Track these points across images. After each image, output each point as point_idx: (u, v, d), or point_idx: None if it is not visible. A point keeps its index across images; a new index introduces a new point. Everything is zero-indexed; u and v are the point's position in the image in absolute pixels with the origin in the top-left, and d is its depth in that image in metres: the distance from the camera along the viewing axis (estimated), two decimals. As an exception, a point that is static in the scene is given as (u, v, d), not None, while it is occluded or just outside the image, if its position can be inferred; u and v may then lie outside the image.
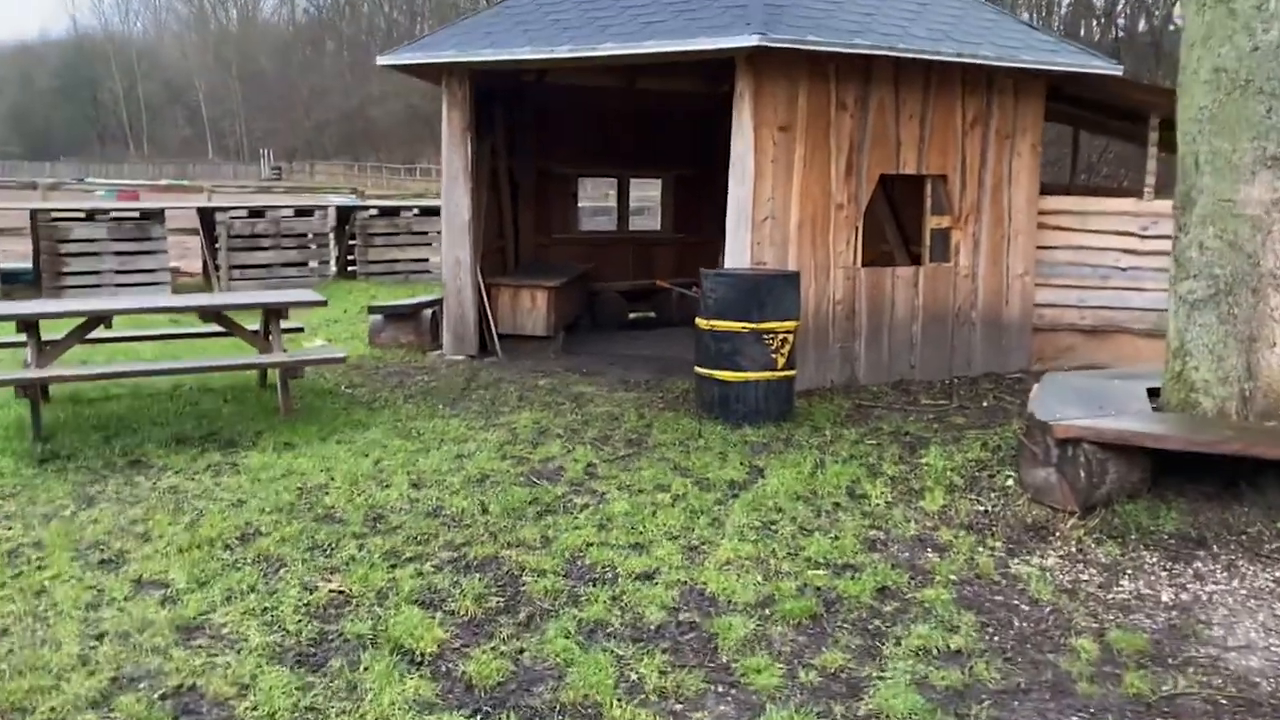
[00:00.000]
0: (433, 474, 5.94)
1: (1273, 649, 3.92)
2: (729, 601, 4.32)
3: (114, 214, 14.48)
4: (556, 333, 10.11)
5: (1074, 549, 4.92)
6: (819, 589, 4.43)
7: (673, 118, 12.46)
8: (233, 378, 8.24)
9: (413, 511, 5.32)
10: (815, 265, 8.05)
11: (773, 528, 5.18)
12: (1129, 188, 11.67)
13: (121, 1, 79.10)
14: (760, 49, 7.20)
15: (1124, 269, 9.31)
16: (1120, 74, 8.90)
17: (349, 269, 16.44)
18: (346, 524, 5.14)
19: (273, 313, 7.16)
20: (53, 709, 3.40)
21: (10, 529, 5.04)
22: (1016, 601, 4.34)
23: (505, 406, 7.68)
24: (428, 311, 10.19)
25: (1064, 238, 9.32)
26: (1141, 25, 37.95)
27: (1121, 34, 37.79)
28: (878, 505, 5.53)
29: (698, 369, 7.16)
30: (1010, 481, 5.81)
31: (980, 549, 4.91)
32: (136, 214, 14.78)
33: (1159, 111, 9.24)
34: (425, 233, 16.76)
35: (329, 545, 4.87)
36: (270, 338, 7.14)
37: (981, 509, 5.45)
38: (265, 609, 4.20)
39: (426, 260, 16.57)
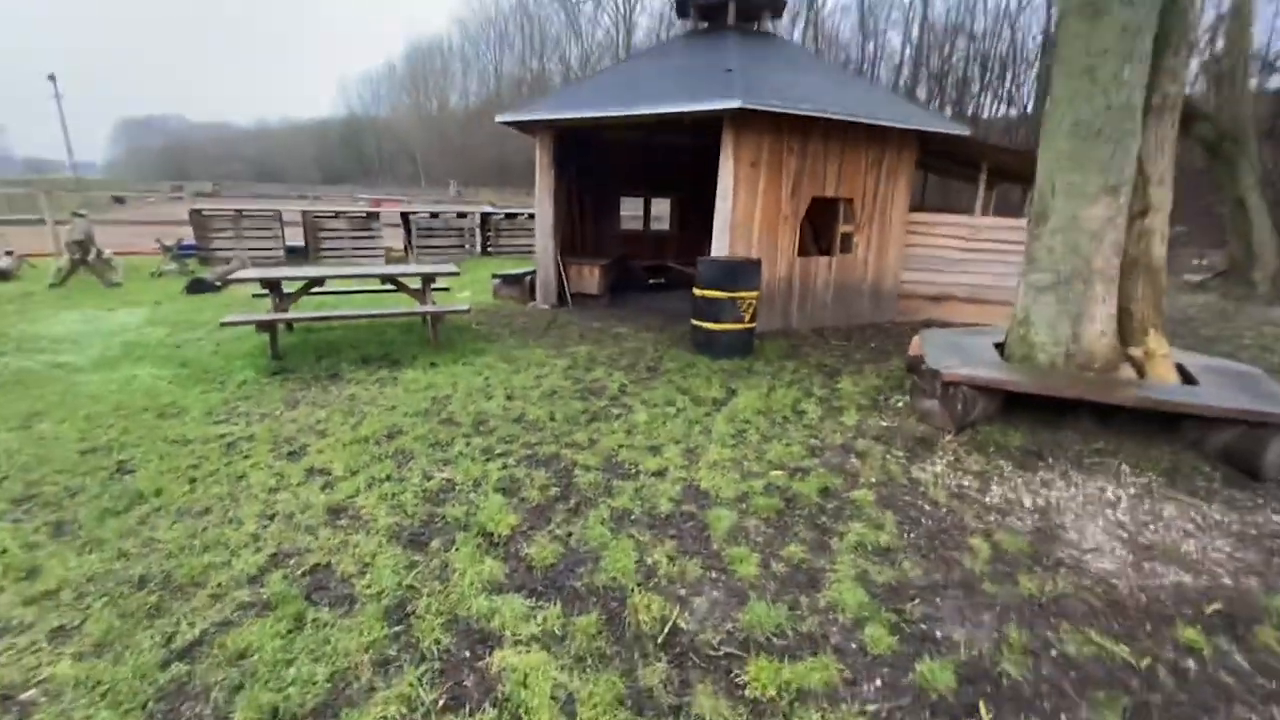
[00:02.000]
0: (520, 389, 4.91)
1: (1117, 552, 2.90)
2: (717, 496, 3.33)
3: (350, 214, 13.26)
4: (605, 293, 8.97)
5: (953, 458, 3.88)
6: (780, 488, 3.43)
7: (675, 160, 11.05)
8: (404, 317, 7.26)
9: (504, 418, 4.32)
10: (769, 255, 6.84)
11: (744, 435, 4.16)
12: (954, 208, 10.21)
13: (375, 94, 78.45)
14: (741, 110, 5.90)
15: (955, 260, 8.07)
16: (968, 134, 7.48)
17: (487, 249, 15.22)
18: (459, 426, 4.16)
19: (426, 279, 6.11)
20: (219, 585, 2.48)
21: (236, 425, 4.08)
22: (921, 503, 3.33)
23: (570, 341, 6.60)
24: (528, 278, 9.06)
25: (920, 239, 8.03)
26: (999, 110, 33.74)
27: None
28: (813, 419, 4.49)
29: (693, 321, 6.06)
30: (901, 404, 4.75)
31: (888, 457, 3.88)
32: (364, 214, 13.54)
33: (988, 160, 7.88)
34: (531, 229, 15.44)
35: (446, 442, 3.89)
36: (425, 295, 6.10)
37: (885, 424, 4.40)
38: (394, 494, 3.24)
39: (532, 245, 15.13)
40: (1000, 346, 4.86)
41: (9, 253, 9.48)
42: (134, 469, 3.45)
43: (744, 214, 6.64)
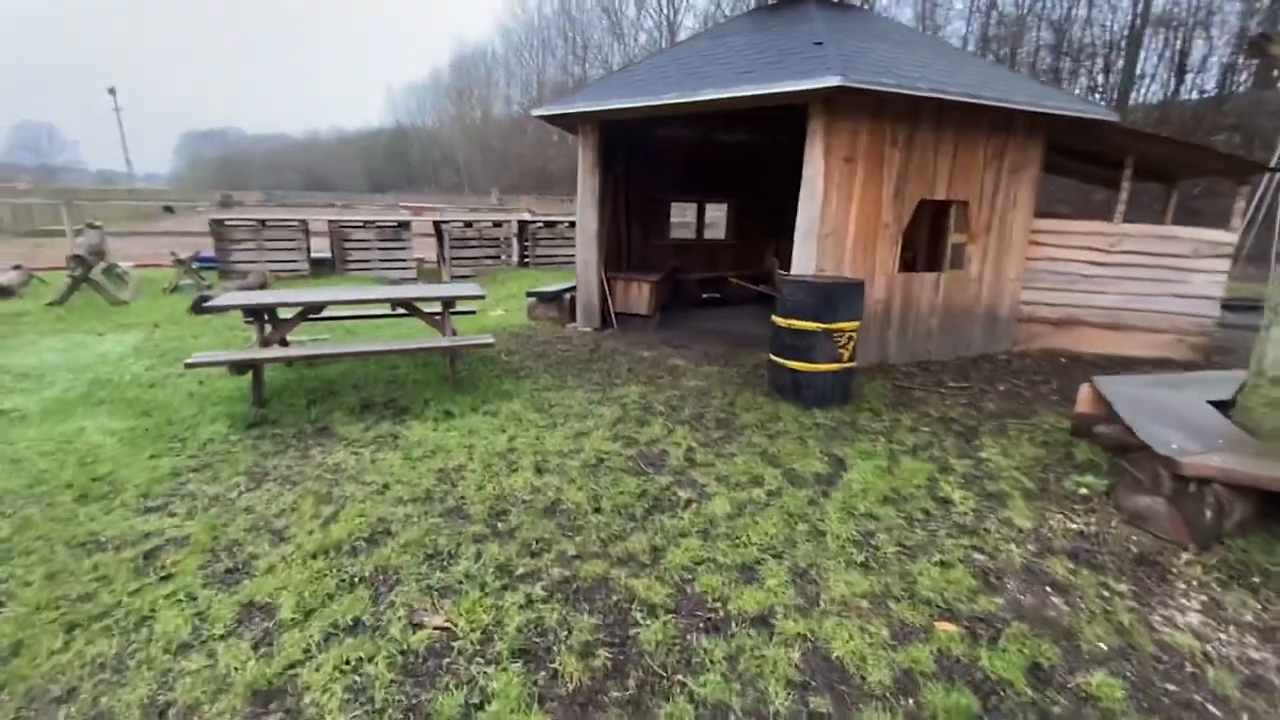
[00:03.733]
0: (555, 455, 3.73)
1: None
2: (862, 679, 2.06)
3: (378, 223, 12.43)
4: (655, 313, 7.78)
5: (1207, 599, 2.52)
6: (959, 664, 2.15)
7: (732, 161, 9.82)
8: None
9: (532, 506, 3.14)
10: (865, 272, 5.52)
11: (874, 544, 2.88)
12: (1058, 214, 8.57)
13: (420, 104, 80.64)
14: (840, 90, 4.61)
15: (1087, 276, 6.56)
16: (1116, 119, 5.99)
17: (524, 260, 14.22)
18: (470, 520, 2.99)
19: (446, 304, 5.03)
20: None
21: (173, 517, 3.00)
22: (1201, 698, 2.02)
23: (617, 379, 5.40)
24: (567, 295, 7.95)
25: (1045, 251, 6.56)
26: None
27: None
28: (965, 514, 3.17)
29: (774, 357, 4.78)
30: (1084, 490, 3.38)
31: (1106, 594, 2.55)
32: (395, 224, 12.71)
33: (1133, 153, 6.36)
34: (572, 238, 14.37)
35: (448, 553, 2.72)
36: (445, 322, 5.02)
37: (1075, 528, 3.04)
38: (358, 662, 2.08)
39: (573, 255, 14.10)
40: (1222, 406, 3.45)
41: (17, 267, 8.91)
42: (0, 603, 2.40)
43: (835, 221, 5.33)
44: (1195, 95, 23.40)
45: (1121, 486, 3.14)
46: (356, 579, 2.54)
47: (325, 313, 5.76)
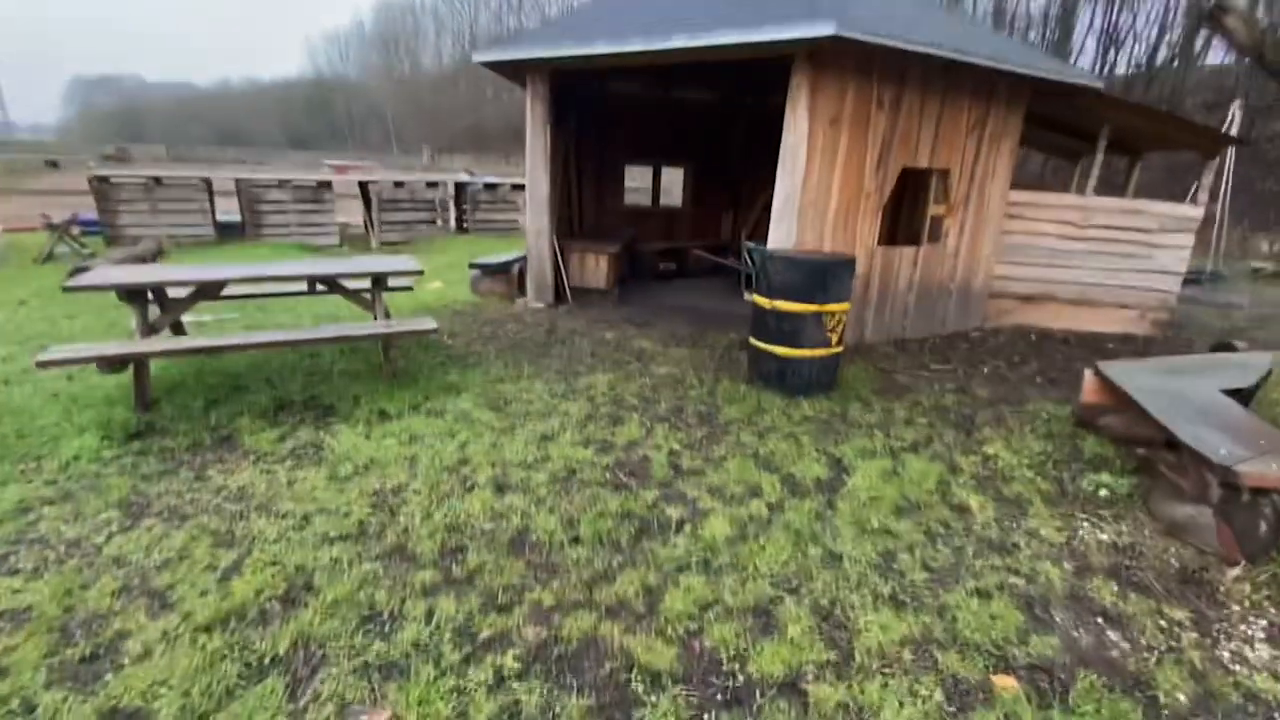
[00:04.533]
0: (518, 467, 3.15)
1: None
2: (928, 770, 1.67)
3: (295, 183, 11.12)
4: (613, 286, 7.18)
5: (1268, 624, 2.26)
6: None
7: (691, 122, 9.18)
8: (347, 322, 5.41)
9: (494, 539, 2.57)
10: (845, 245, 5.10)
11: (896, 565, 2.49)
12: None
13: (343, 54, 75.21)
14: (834, 39, 4.07)
15: (1059, 251, 6.41)
16: (1102, 87, 5.73)
17: (463, 226, 13.22)
18: (417, 563, 2.40)
19: (377, 280, 4.29)
20: None
21: (14, 574, 2.28)
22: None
23: (581, 365, 4.80)
24: (515, 267, 7.22)
25: (1020, 224, 6.34)
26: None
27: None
28: (987, 525, 2.83)
29: (755, 342, 4.31)
30: (1104, 493, 3.11)
31: (1162, 621, 2.25)
32: (314, 183, 11.41)
33: (1113, 122, 6.16)
34: (515, 202, 13.44)
35: (390, 614, 2.14)
36: (376, 303, 4.29)
37: (1106, 539, 2.75)
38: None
39: (516, 221, 13.30)
40: (1240, 395, 3.23)
41: None
42: None
43: (817, 191, 4.85)
44: (1128, 69, 24.15)
45: (1155, 493, 2.87)
46: (267, 660, 1.92)
47: (236, 291, 4.87)
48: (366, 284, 4.36)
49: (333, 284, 4.38)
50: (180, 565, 2.33)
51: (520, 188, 13.38)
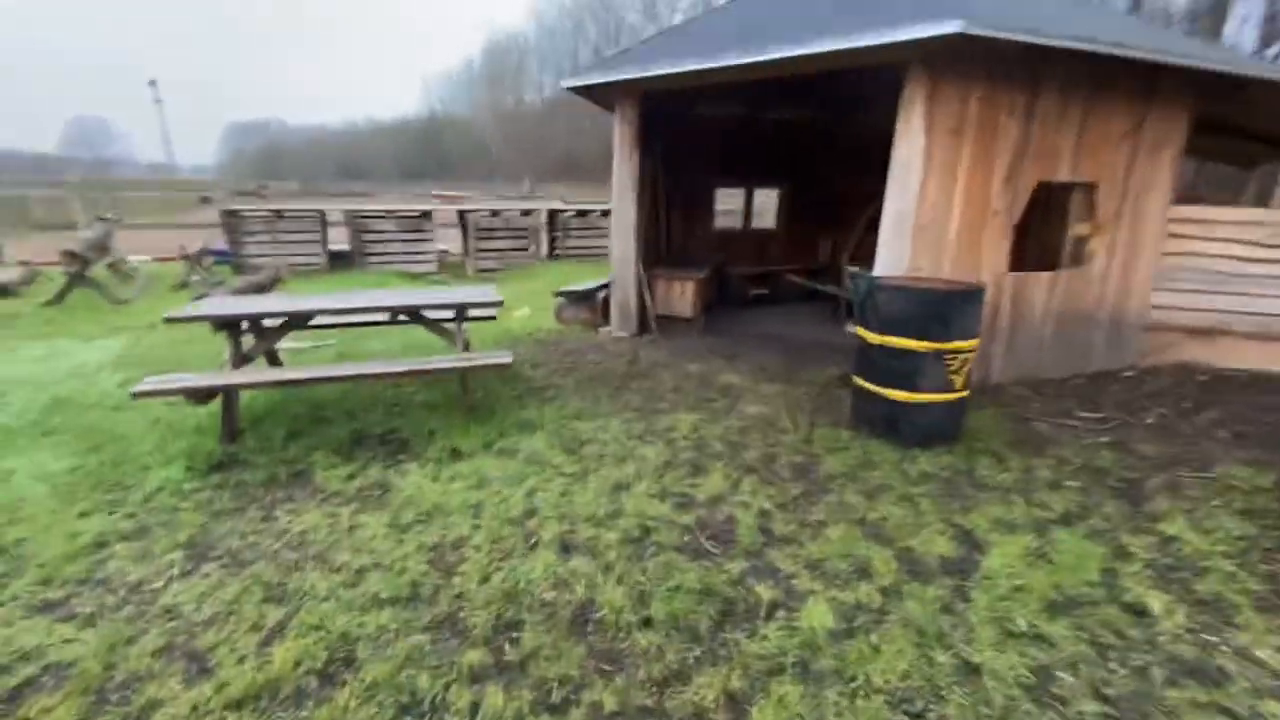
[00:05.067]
0: (587, 522, 2.83)
1: None
2: None
3: (399, 213, 11.71)
4: (700, 315, 6.82)
5: None
6: None
7: (785, 141, 8.72)
8: (435, 351, 5.38)
9: (554, 614, 2.24)
10: (969, 271, 4.47)
11: (1057, 689, 1.91)
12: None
13: (453, 94, 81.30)
14: (960, 38, 3.56)
15: (1236, 275, 5.35)
16: (1288, 77, 4.76)
17: (554, 252, 13.38)
18: (467, 639, 2.11)
19: (460, 311, 4.19)
20: None
21: (71, 619, 2.22)
22: None
23: (662, 402, 4.45)
24: (600, 294, 7.06)
25: (1186, 244, 5.37)
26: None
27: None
28: (1178, 637, 2.17)
29: (861, 382, 3.79)
30: (1353, 601, 2.34)
31: None
32: (416, 214, 11.97)
33: (1306, 119, 5.11)
34: (605, 228, 13.50)
35: (430, 705, 1.85)
36: (458, 333, 4.19)
37: (1368, 675, 2.03)
38: None
39: (606, 247, 13.29)
40: None
41: (24, 263, 8.43)
42: None
43: (935, 210, 4.28)
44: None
45: None
46: (289, 757, 1.70)
47: (324, 321, 4.97)
48: (449, 314, 4.28)
49: (416, 316, 4.33)
50: (227, 623, 2.18)
51: (610, 213, 13.43)
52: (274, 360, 4.86)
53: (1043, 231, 5.30)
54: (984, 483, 3.27)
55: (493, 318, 5.50)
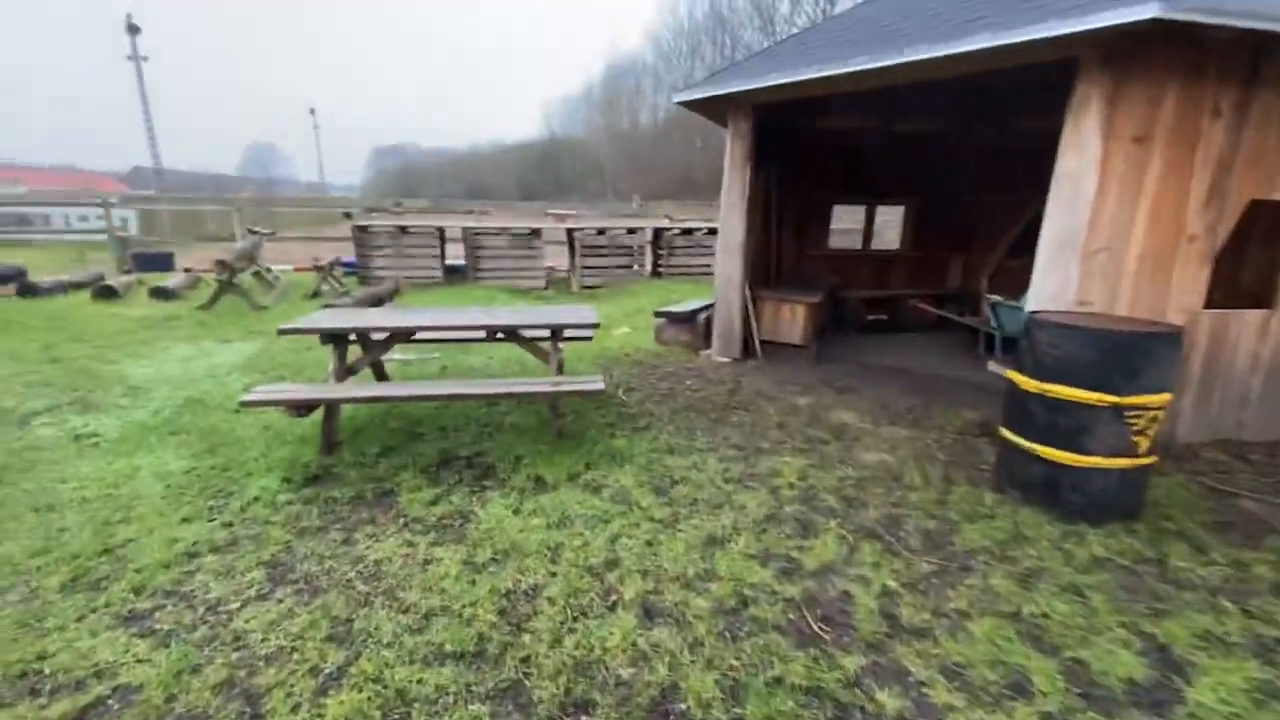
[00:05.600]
0: (674, 581, 2.48)
1: None
2: None
3: (512, 230, 12.09)
4: (810, 342, 6.31)
5: None
6: None
7: (914, 154, 7.99)
8: (533, 374, 5.29)
9: (630, 700, 1.91)
10: (1152, 307, 3.70)
11: None
12: None
13: (572, 118, 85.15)
14: (1155, 25, 2.91)
15: None
16: None
17: (658, 270, 13.26)
18: (530, 715, 1.86)
19: (555, 332, 4.05)
20: None
21: (149, 635, 2.20)
22: None
23: (764, 440, 4.03)
24: (702, 316, 6.74)
25: None
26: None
27: None
28: None
29: (1010, 435, 3.18)
30: None
31: None
32: (527, 231, 12.31)
33: None
34: (710, 247, 13.24)
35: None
36: (552, 354, 4.05)
37: None
38: None
39: (709, 266, 13.08)
40: None
41: (187, 270, 9.50)
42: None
43: (1111, 231, 3.56)
44: None
45: None
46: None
47: (430, 337, 5.03)
48: (545, 333, 4.15)
49: (513, 335, 4.23)
50: (288, 661, 2.06)
51: (715, 232, 13.14)
52: (380, 372, 4.98)
53: (1245, 259, 4.33)
54: (1180, 578, 2.57)
55: (590, 338, 5.36)
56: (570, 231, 13.11)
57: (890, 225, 9.20)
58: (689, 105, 5.81)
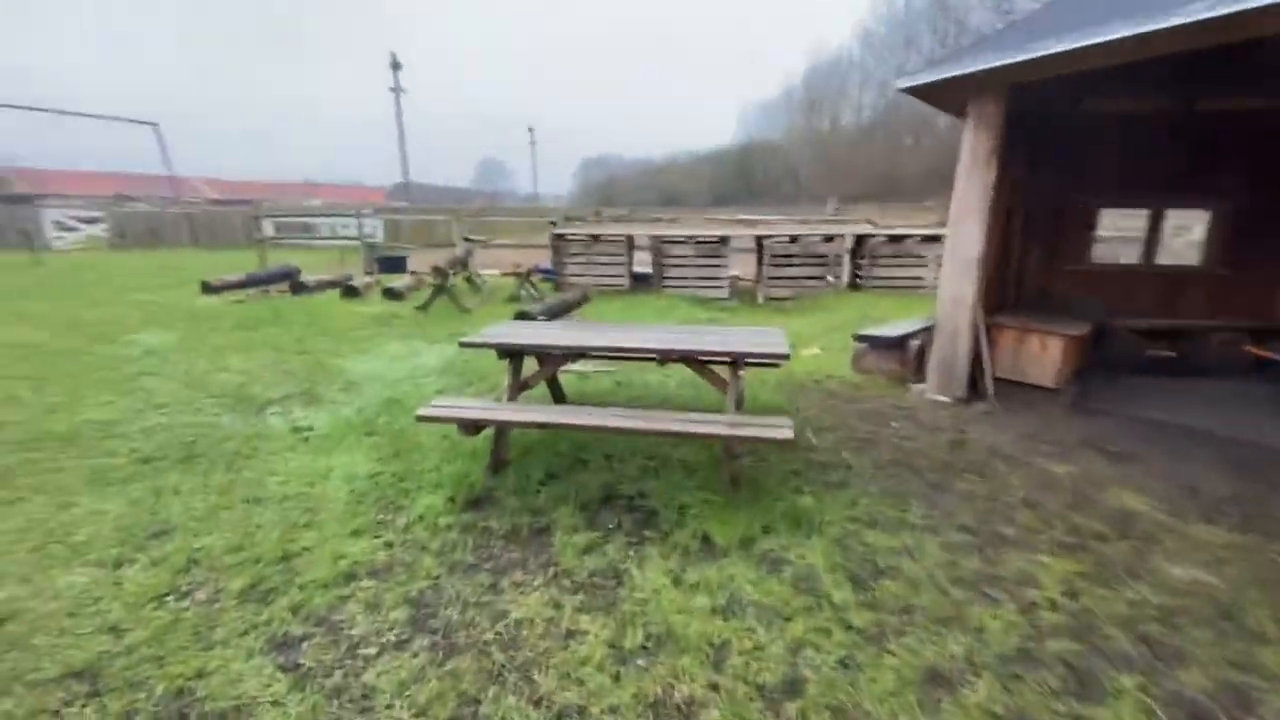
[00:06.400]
0: (881, 736, 1.83)
1: None
2: None
3: (699, 238, 11.78)
4: (1067, 386, 4.95)
5: None
6: None
7: (1229, 142, 6.00)
8: (709, 400, 4.81)
9: None
10: None
11: None
12: None
13: (770, 123, 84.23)
14: None
15: None
16: None
17: (856, 281, 12.00)
18: None
19: (736, 360, 3.53)
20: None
21: (283, 674, 2.09)
22: None
23: (1008, 526, 3.04)
24: (914, 341, 5.69)
25: None
26: None
27: None
28: None
29: None
30: None
31: None
32: (715, 239, 11.92)
33: None
34: (922, 256, 11.61)
35: None
36: (732, 383, 3.54)
37: None
38: None
39: (921, 279, 11.48)
40: None
41: (413, 273, 10.69)
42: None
43: None
44: None
45: None
46: None
47: (610, 354, 4.81)
48: (725, 360, 3.64)
49: (689, 361, 3.79)
50: (403, 744, 1.81)
51: (931, 239, 11.52)
52: (555, 388, 4.88)
53: None
54: None
55: (774, 364, 4.72)
56: (760, 239, 12.44)
57: (1183, 234, 7.09)
58: (916, 92, 4.86)
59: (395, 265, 13.42)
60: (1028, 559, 2.71)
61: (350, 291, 10.28)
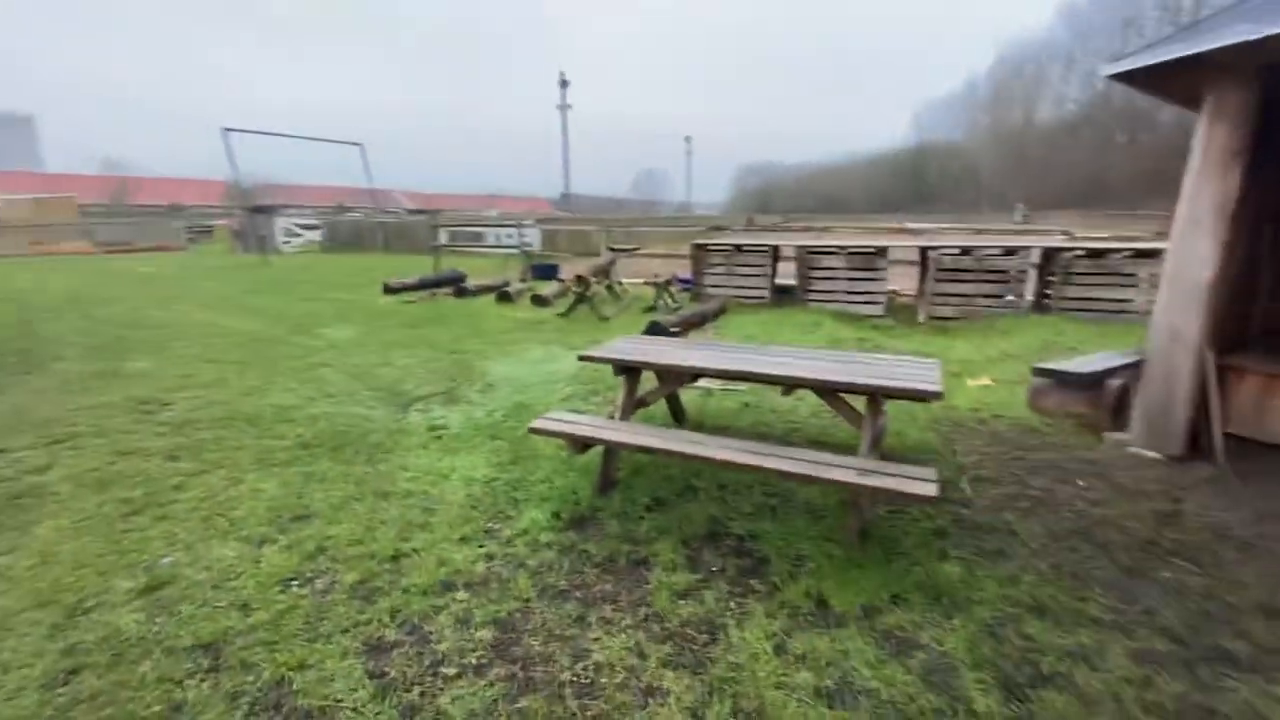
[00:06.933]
0: None
1: None
2: None
3: (851, 249, 10.94)
4: (1339, 451, 3.77)
5: None
6: None
7: None
8: (843, 435, 4.33)
9: None
10: None
11: None
12: None
13: (949, 121, 77.78)
14: None
15: None
16: None
17: (1044, 302, 10.40)
18: None
19: (877, 395, 3.11)
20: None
21: (356, 696, 2.13)
22: None
23: (1233, 638, 2.27)
24: (1113, 380, 4.69)
25: None
26: None
27: None
28: None
29: None
30: None
31: None
32: (871, 249, 11.01)
33: None
34: (1133, 274, 9.68)
35: None
36: (872, 421, 3.12)
37: None
38: None
39: (1129, 301, 9.61)
40: None
41: (560, 280, 11.14)
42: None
43: None
44: None
45: None
46: None
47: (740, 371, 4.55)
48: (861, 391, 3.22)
49: (822, 392, 3.42)
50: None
51: (1145, 255, 9.66)
52: (676, 406, 4.71)
53: None
54: None
55: (924, 400, 4.13)
56: (924, 250, 11.28)
57: None
58: (1133, 79, 4.00)
59: (548, 272, 14.15)
60: (1262, 693, 2.01)
61: (504, 297, 10.99)
